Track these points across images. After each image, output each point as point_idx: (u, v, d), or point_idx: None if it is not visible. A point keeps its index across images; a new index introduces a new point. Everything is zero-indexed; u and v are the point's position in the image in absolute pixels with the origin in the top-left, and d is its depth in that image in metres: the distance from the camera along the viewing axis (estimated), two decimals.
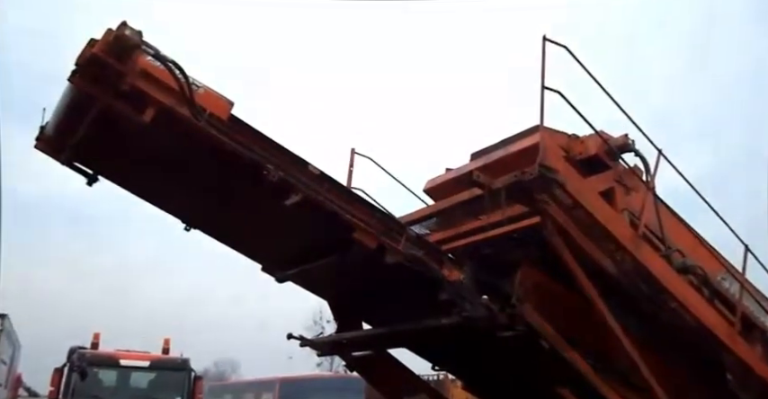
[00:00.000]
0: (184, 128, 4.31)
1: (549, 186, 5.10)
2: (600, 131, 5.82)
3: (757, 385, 6.98)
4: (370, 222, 4.98)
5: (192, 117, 4.22)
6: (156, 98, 4.16)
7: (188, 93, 4.17)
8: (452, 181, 6.47)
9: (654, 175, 6.11)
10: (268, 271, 6.19)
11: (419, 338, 6.24)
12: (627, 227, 5.75)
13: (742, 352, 6.60)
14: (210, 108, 4.34)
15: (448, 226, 6.41)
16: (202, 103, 4.30)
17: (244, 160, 4.50)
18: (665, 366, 6.54)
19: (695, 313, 6.18)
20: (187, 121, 4.25)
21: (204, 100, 4.33)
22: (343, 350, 6.90)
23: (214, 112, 4.34)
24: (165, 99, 4.19)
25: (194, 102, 4.21)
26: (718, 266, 6.97)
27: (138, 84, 4.11)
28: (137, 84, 4.10)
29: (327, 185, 4.83)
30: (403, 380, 7.11)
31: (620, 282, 6.05)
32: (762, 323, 7.36)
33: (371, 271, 5.42)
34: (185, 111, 4.22)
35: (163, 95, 4.18)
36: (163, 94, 4.19)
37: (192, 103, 4.20)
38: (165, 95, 4.19)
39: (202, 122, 4.26)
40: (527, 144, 5.73)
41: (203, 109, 4.28)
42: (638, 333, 6.27)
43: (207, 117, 4.29)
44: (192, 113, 4.22)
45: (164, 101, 4.18)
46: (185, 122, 4.26)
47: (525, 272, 5.62)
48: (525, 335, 5.41)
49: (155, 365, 14.12)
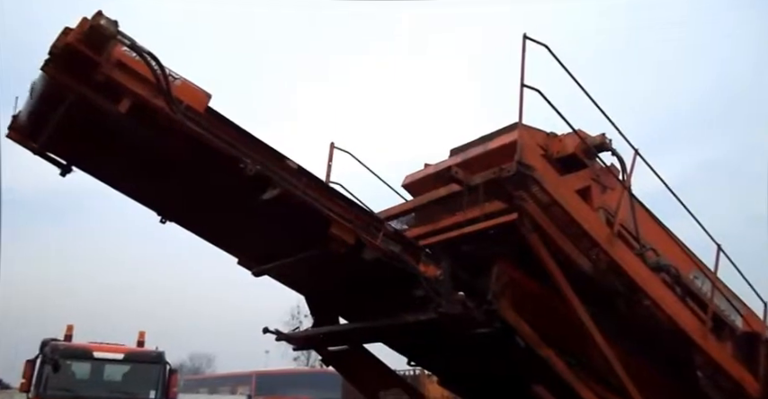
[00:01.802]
0: (160, 119, 4.25)
1: (527, 183, 5.13)
2: (578, 130, 5.86)
3: (727, 382, 7.10)
4: (347, 217, 4.96)
5: (169, 109, 4.17)
6: (131, 89, 4.10)
7: (164, 84, 4.11)
8: (431, 176, 6.48)
9: (630, 174, 6.17)
10: (244, 265, 6.15)
11: (395, 333, 6.24)
12: (602, 225, 5.79)
13: (712, 350, 6.69)
14: (187, 100, 4.29)
15: (426, 222, 6.42)
16: (179, 95, 4.25)
17: (220, 153, 4.46)
18: (639, 363, 6.62)
19: (668, 311, 6.25)
20: (163, 113, 4.19)
21: (181, 92, 4.28)
22: (319, 345, 6.89)
23: (191, 105, 4.29)
24: (141, 90, 4.13)
25: (171, 94, 4.16)
26: (691, 265, 7.06)
27: (114, 74, 4.05)
28: (112, 74, 4.04)
29: (305, 180, 4.80)
30: (378, 375, 7.11)
31: (595, 280, 6.11)
32: (732, 321, 7.48)
33: (349, 266, 5.41)
34: (161, 103, 4.16)
35: (139, 86, 4.12)
36: (139, 85, 4.12)
37: (168, 95, 4.14)
38: (141, 86, 4.13)
39: (179, 114, 4.21)
40: (506, 141, 5.75)
41: (180, 101, 4.23)
42: (613, 331, 6.33)
43: (183, 109, 4.24)
44: (169, 105, 4.16)
45: (139, 93, 4.12)
46: (161, 114, 4.20)
47: (502, 269, 5.65)
48: (501, 332, 5.44)
49: (129, 357, 13.99)
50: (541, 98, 5.29)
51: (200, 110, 4.37)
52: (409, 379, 19.13)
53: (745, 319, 7.58)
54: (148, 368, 13.84)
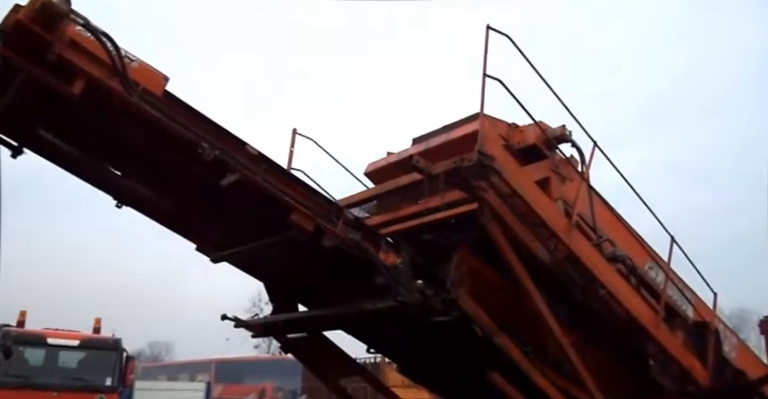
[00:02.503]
0: (116, 102, 4.15)
1: (487, 173, 5.16)
2: (539, 121, 5.91)
3: (677, 370, 7.29)
4: (308, 204, 4.93)
5: (125, 91, 4.07)
6: (85, 70, 3.98)
7: (120, 65, 4.01)
8: (393, 165, 6.48)
9: (589, 166, 6.25)
10: (203, 251, 6.07)
11: (354, 321, 6.25)
12: (561, 216, 5.86)
13: (664, 339, 6.86)
14: (144, 83, 4.20)
15: (387, 210, 6.42)
16: (136, 78, 4.15)
17: (178, 137, 4.38)
18: (593, 352, 6.75)
19: (622, 301, 6.38)
20: (119, 96, 4.10)
21: (138, 74, 4.18)
22: (278, 332, 6.85)
23: (148, 87, 4.20)
24: (96, 71, 4.02)
25: (127, 76, 4.06)
26: (645, 256, 7.21)
27: (67, 54, 3.93)
28: (65, 54, 3.92)
29: (265, 166, 4.75)
30: (338, 362, 7.12)
31: (552, 270, 6.19)
32: (684, 311, 7.67)
33: (308, 254, 5.38)
34: (117, 85, 4.06)
35: (93, 67, 4.01)
36: (93, 66, 4.01)
37: (124, 77, 4.04)
38: (96, 67, 4.02)
39: (135, 97, 4.11)
40: (467, 131, 5.77)
41: (136, 83, 4.13)
42: (569, 321, 6.44)
43: (140, 92, 4.14)
44: (125, 87, 4.07)
45: (94, 74, 4.01)
46: (117, 96, 4.10)
47: (461, 258, 5.68)
48: (459, 320, 5.49)
49: (84, 344, 13.79)
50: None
51: (158, 94, 4.28)
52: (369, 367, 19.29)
53: (696, 309, 7.78)
54: (104, 355, 13.67)
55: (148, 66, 4.28)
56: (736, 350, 8.52)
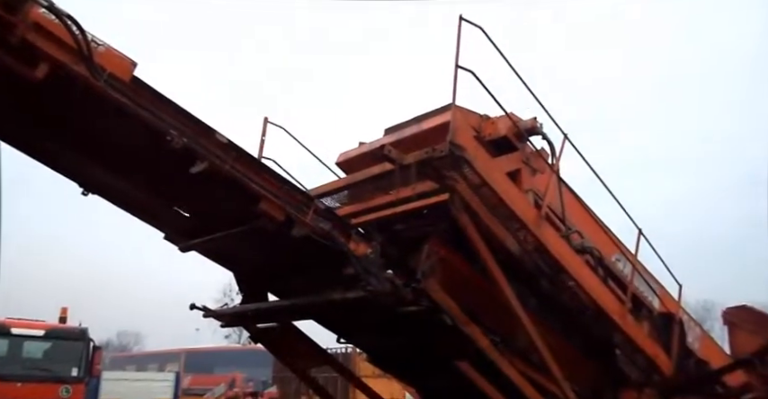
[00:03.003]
0: (82, 87, 4.06)
1: (458, 164, 5.17)
2: (510, 113, 5.93)
3: (643, 360, 7.42)
4: (277, 193, 4.89)
5: (90, 76, 3.98)
6: (49, 53, 3.89)
7: (86, 50, 3.92)
8: (365, 155, 6.46)
9: (559, 158, 6.30)
10: (171, 240, 5.98)
11: (324, 311, 6.23)
12: (530, 207, 5.91)
13: (630, 330, 6.98)
14: (111, 68, 4.11)
15: (358, 200, 6.41)
16: (102, 62, 4.06)
17: (146, 124, 4.30)
18: (561, 342, 6.84)
19: (590, 292, 6.46)
20: (84, 80, 4.01)
21: (104, 59, 4.09)
22: (248, 322, 6.81)
23: (115, 73, 4.11)
24: (61, 55, 3.92)
25: (93, 61, 3.97)
26: (613, 248, 7.31)
27: (30, 37, 3.83)
28: (28, 37, 3.82)
29: (235, 154, 4.70)
30: (308, 352, 7.10)
31: (522, 260, 6.24)
32: (650, 302, 7.80)
33: (278, 243, 5.35)
34: (83, 70, 3.97)
35: (58, 51, 3.91)
36: (58, 50, 3.91)
37: (89, 61, 3.95)
38: (61, 51, 3.92)
39: (101, 82, 4.03)
40: (439, 121, 5.77)
41: (103, 68, 4.05)
42: (538, 311, 6.51)
43: (106, 77, 4.06)
44: (91, 72, 3.98)
45: (58, 58, 3.91)
46: (82, 81, 4.01)
47: (432, 248, 5.69)
48: (429, 310, 5.50)
49: (50, 334, 13.60)
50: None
51: (125, 79, 4.20)
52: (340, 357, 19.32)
53: (662, 300, 7.92)
54: (71, 345, 13.50)
55: (115, 50, 4.19)
56: (700, 341, 8.71)
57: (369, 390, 8.06)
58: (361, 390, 8.43)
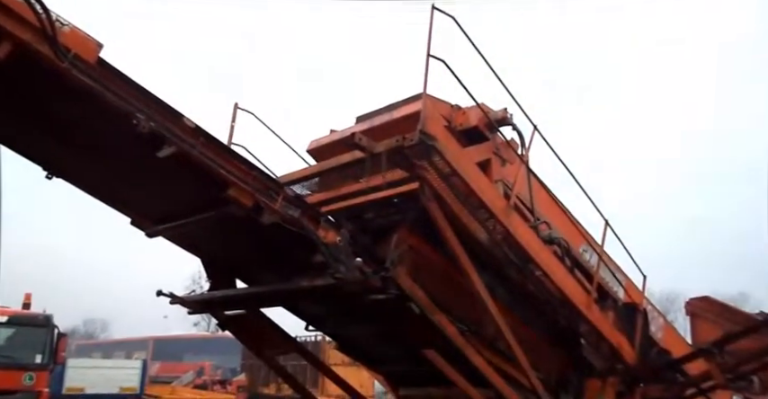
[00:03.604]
0: (45, 68, 3.97)
1: (429, 153, 5.17)
2: (481, 104, 5.95)
3: (607, 349, 7.55)
4: (246, 179, 4.85)
5: (54, 56, 3.90)
6: (10, 32, 3.78)
7: (50, 29, 3.83)
8: (335, 142, 6.44)
9: (528, 149, 6.35)
10: (138, 225, 5.91)
11: (293, 298, 6.22)
12: (500, 197, 5.95)
13: (596, 319, 7.09)
14: (76, 49, 4.02)
15: (329, 188, 6.39)
16: (67, 43, 3.97)
17: (111, 107, 4.23)
18: (528, 330, 6.93)
19: (557, 282, 6.54)
20: (48, 61, 3.92)
21: (69, 39, 4.00)
22: (216, 309, 6.75)
23: (80, 54, 4.03)
24: (23, 34, 3.82)
25: (56, 40, 3.88)
26: (581, 239, 7.41)
27: None
28: None
29: (203, 139, 4.64)
30: (276, 340, 7.07)
31: (490, 250, 6.29)
32: (615, 292, 7.94)
33: (247, 230, 5.31)
34: (46, 50, 3.88)
35: (20, 30, 3.81)
36: (20, 29, 3.81)
37: (54, 41, 3.86)
38: (24, 31, 3.82)
39: (66, 63, 3.94)
40: (410, 110, 5.77)
41: (67, 48, 3.96)
42: (505, 301, 6.58)
43: (71, 58, 3.97)
44: (55, 52, 3.89)
45: (21, 37, 3.81)
46: (46, 62, 3.92)
47: (401, 237, 5.71)
48: (397, 298, 5.52)
49: (13, 320, 13.40)
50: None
51: (91, 61, 4.11)
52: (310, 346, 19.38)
53: (627, 290, 8.06)
54: (34, 332, 13.30)
55: (81, 31, 4.10)
56: (663, 331, 8.89)
57: (338, 378, 8.08)
58: (330, 378, 8.44)
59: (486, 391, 6.31)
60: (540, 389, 6.52)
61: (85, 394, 19.33)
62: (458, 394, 6.52)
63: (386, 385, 8.82)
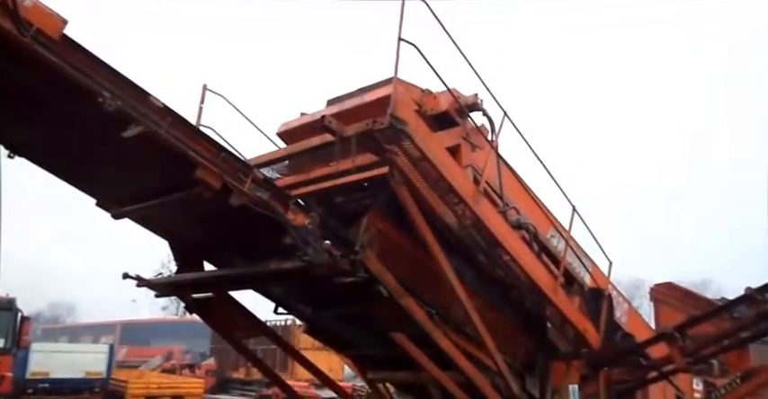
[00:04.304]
0: (6, 43, 3.87)
1: (399, 137, 5.18)
2: (452, 89, 5.96)
3: (572, 333, 7.69)
4: (215, 161, 4.79)
5: (16, 30, 3.80)
6: None
7: (10, 2, 3.73)
8: (306, 125, 6.41)
9: (498, 135, 6.39)
10: (103, 207, 5.82)
11: (261, 281, 6.20)
12: (469, 182, 5.98)
13: (562, 304, 7.19)
14: (39, 24, 3.92)
15: (299, 171, 6.37)
16: (29, 18, 3.87)
17: (76, 85, 4.13)
18: (496, 316, 7.01)
19: (524, 266, 6.62)
20: (9, 36, 3.81)
21: (32, 14, 3.89)
22: (183, 292, 6.69)
23: (43, 29, 3.93)
24: None
25: (18, 14, 3.78)
26: (548, 224, 7.50)
27: None
28: None
29: (170, 119, 4.57)
30: (244, 323, 7.06)
31: (459, 235, 6.34)
32: (581, 278, 8.06)
33: (215, 212, 5.27)
34: (7, 24, 3.78)
35: None
36: None
37: (15, 15, 3.76)
38: None
39: (28, 38, 3.84)
40: (381, 94, 5.76)
41: (29, 23, 3.86)
42: (474, 285, 6.64)
43: (34, 33, 3.87)
44: (16, 26, 3.79)
45: None
46: (7, 36, 3.82)
47: (371, 221, 5.72)
48: (366, 282, 5.55)
49: None
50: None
51: (54, 37, 4.01)
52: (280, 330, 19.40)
53: (593, 276, 8.19)
54: None
55: (44, 6, 4.00)
56: (627, 315, 9.07)
57: (307, 362, 8.10)
58: (300, 362, 8.47)
59: (453, 374, 6.40)
60: (506, 372, 6.62)
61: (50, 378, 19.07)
62: (426, 377, 6.59)
63: (354, 368, 8.88)
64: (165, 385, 22.66)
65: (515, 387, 6.82)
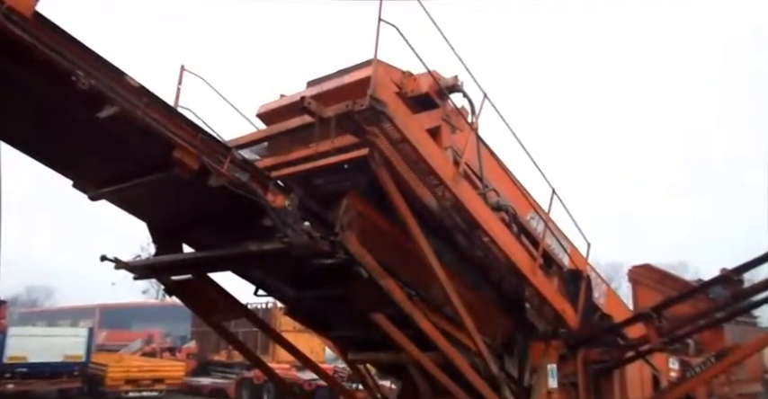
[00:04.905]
0: None
1: (379, 119, 5.16)
2: (432, 71, 5.94)
3: (551, 313, 7.77)
4: (192, 142, 4.74)
5: None
6: None
7: None
8: (285, 107, 6.37)
9: (478, 117, 6.39)
10: (80, 188, 5.74)
11: (241, 263, 6.18)
12: (449, 164, 5.99)
13: (540, 284, 7.26)
14: (10, 2, 3.84)
15: (278, 153, 6.33)
16: None
17: (49, 63, 4.06)
18: (475, 297, 7.06)
19: (503, 248, 6.66)
20: None
21: None
22: (162, 274, 6.66)
23: (14, 6, 3.84)
24: None
25: None
26: (528, 206, 7.54)
27: None
28: None
29: (147, 99, 4.51)
30: (224, 305, 7.03)
31: (439, 216, 6.36)
32: (560, 259, 8.13)
33: (194, 194, 5.23)
34: None
35: None
36: None
37: None
38: None
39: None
40: (361, 76, 5.73)
41: (0, 1, 3.77)
42: (453, 266, 6.68)
43: (5, 10, 3.79)
44: None
45: None
46: None
47: (351, 202, 5.72)
48: (345, 263, 5.55)
49: None
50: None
51: (26, 14, 3.93)
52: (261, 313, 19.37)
53: (572, 257, 8.26)
54: None
55: None
56: (605, 296, 9.18)
57: (289, 344, 8.12)
58: (281, 344, 8.48)
59: (433, 354, 6.45)
60: (485, 352, 6.69)
61: (28, 362, 18.96)
62: (405, 358, 6.64)
63: (335, 350, 8.91)
64: (145, 368, 22.63)
65: (494, 367, 6.89)
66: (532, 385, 7.53)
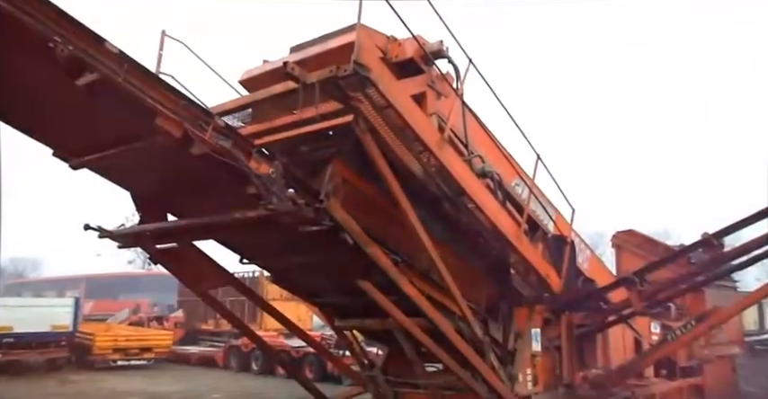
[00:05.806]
0: None
1: (363, 84, 5.11)
2: (417, 36, 5.87)
3: (535, 279, 7.87)
4: (174, 109, 4.67)
5: None
6: None
7: None
8: (269, 73, 6.27)
9: (463, 82, 6.34)
10: (61, 157, 5.67)
11: (226, 230, 6.16)
12: (434, 130, 5.97)
13: (525, 250, 7.33)
14: None
15: (262, 120, 6.27)
16: None
17: (26, 29, 3.96)
18: (460, 263, 7.11)
19: (488, 214, 6.70)
20: None
21: None
22: (146, 242, 6.62)
23: None
24: None
25: None
26: (513, 173, 7.56)
27: None
28: None
29: (127, 66, 4.41)
30: (210, 273, 7.02)
31: (424, 183, 6.36)
32: (545, 225, 8.20)
33: (177, 162, 5.17)
34: None
35: None
36: None
37: None
38: None
39: None
40: (345, 41, 5.64)
41: None
42: (438, 232, 6.71)
43: None
44: None
45: None
46: None
47: (336, 169, 5.70)
48: (331, 230, 5.55)
49: None
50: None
51: None
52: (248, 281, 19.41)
53: (556, 223, 8.33)
54: None
55: None
56: (589, 262, 9.31)
57: (276, 313, 8.15)
58: (268, 312, 8.52)
59: (419, 320, 6.52)
60: (470, 317, 6.78)
61: (14, 332, 18.93)
62: (392, 324, 6.71)
63: (322, 317, 8.97)
64: (133, 337, 22.68)
65: (479, 332, 6.99)
66: (517, 348, 7.65)
